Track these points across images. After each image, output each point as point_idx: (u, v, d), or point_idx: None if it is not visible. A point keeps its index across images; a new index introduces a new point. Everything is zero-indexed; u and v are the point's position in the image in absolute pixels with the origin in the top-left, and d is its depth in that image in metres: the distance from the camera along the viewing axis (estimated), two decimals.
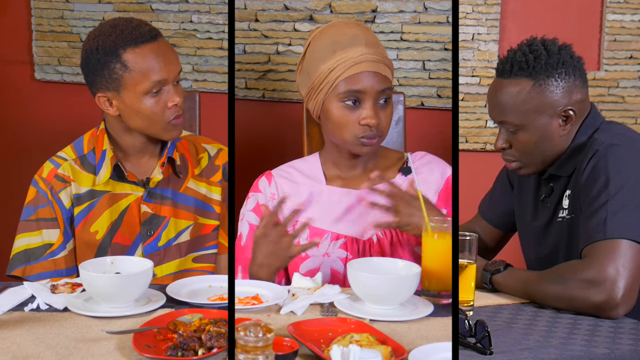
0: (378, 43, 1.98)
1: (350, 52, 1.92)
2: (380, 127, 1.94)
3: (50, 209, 2.05)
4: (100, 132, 2.10)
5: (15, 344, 1.47)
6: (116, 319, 1.60)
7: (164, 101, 1.99)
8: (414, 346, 1.42)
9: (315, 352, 1.39)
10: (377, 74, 1.92)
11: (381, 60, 1.94)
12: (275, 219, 1.84)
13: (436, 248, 1.74)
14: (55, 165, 2.08)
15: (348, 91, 1.92)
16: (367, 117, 1.92)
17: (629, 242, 1.69)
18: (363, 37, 1.95)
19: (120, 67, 1.96)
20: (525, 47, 1.89)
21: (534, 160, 1.92)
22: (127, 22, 2.01)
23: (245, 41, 2.79)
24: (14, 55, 2.91)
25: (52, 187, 2.06)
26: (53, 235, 2.05)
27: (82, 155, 2.09)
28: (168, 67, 1.99)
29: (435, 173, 2.06)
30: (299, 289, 1.78)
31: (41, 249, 2.05)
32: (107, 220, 2.07)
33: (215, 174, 2.16)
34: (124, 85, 1.97)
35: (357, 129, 1.93)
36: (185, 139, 2.18)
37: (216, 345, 1.41)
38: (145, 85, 1.97)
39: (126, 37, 1.97)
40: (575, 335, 1.57)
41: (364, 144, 1.95)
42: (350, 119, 1.93)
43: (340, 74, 1.92)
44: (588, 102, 1.93)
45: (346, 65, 1.91)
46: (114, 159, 2.06)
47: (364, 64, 1.92)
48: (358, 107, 1.93)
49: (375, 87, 1.92)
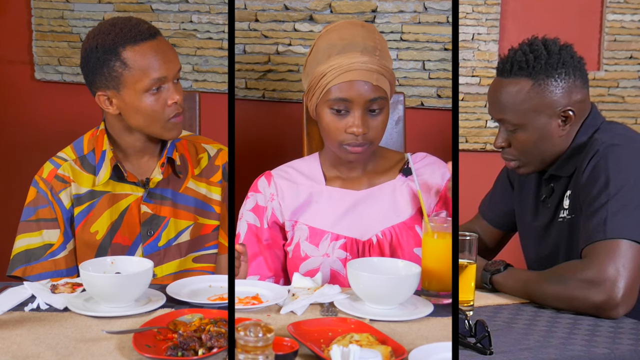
0: (378, 49, 1.93)
1: (344, 58, 1.90)
2: (368, 136, 1.92)
3: (50, 210, 2.05)
4: (100, 132, 2.10)
5: (15, 344, 1.47)
6: (116, 319, 1.60)
7: (164, 99, 1.99)
8: (414, 346, 1.42)
9: (315, 352, 1.39)
10: (367, 83, 1.90)
11: (375, 70, 1.90)
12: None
13: (436, 248, 1.74)
14: (55, 166, 2.07)
15: (336, 99, 1.91)
16: (353, 125, 1.91)
17: (629, 242, 1.69)
18: (361, 44, 1.92)
19: (120, 65, 1.96)
20: (525, 46, 1.89)
21: (533, 159, 1.92)
22: (126, 20, 2.01)
23: (245, 41, 2.79)
24: (14, 55, 2.91)
25: (52, 187, 2.05)
26: (53, 236, 2.05)
27: (82, 156, 2.09)
28: (167, 65, 1.98)
29: (436, 175, 2.05)
30: (299, 289, 1.78)
31: (41, 249, 2.04)
32: (107, 220, 2.07)
33: (215, 174, 2.16)
34: (124, 83, 1.97)
35: (343, 136, 1.93)
36: (185, 139, 2.18)
37: (216, 345, 1.41)
38: (145, 83, 1.96)
39: (125, 35, 1.96)
40: (575, 335, 1.57)
41: (349, 151, 1.94)
42: (337, 126, 1.93)
43: (331, 80, 1.91)
44: (588, 103, 1.93)
45: (337, 72, 1.90)
46: (113, 159, 2.06)
47: (354, 73, 1.89)
48: (346, 115, 1.92)
49: (364, 96, 1.90)
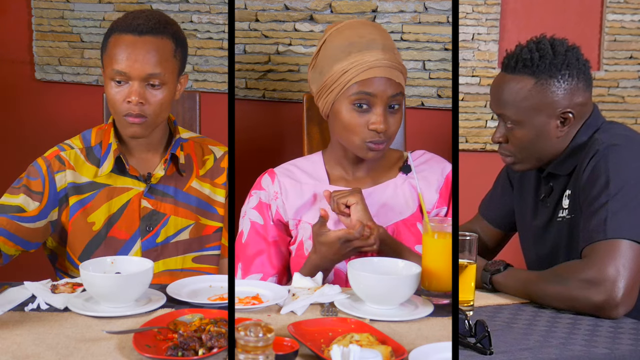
0: (394, 48, 1.97)
1: (367, 55, 1.91)
2: (389, 132, 1.93)
3: (39, 183, 2.05)
4: (108, 126, 2.13)
5: (15, 344, 1.47)
6: (116, 319, 1.60)
7: (124, 94, 2.02)
8: (414, 346, 1.42)
9: (316, 352, 1.39)
10: (389, 79, 1.91)
11: (395, 67, 1.92)
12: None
13: (436, 248, 1.74)
14: (60, 149, 2.10)
15: (360, 93, 1.91)
16: (377, 122, 1.91)
17: (630, 242, 1.69)
18: (380, 42, 1.93)
19: (104, 47, 2.06)
20: (532, 44, 1.89)
21: (529, 157, 1.92)
22: (142, 12, 2.10)
23: (245, 41, 2.79)
24: (14, 55, 2.91)
25: (50, 165, 2.07)
26: (30, 205, 2.03)
27: (89, 147, 2.11)
28: (132, 63, 2.00)
29: (436, 171, 2.05)
30: (299, 289, 1.78)
31: (11, 208, 2.02)
32: (105, 212, 2.07)
33: (220, 176, 2.16)
34: (103, 65, 2.07)
35: (366, 133, 1.93)
36: (192, 140, 2.19)
37: (216, 345, 1.41)
38: (108, 70, 2.03)
39: (121, 23, 2.05)
40: (575, 335, 1.57)
41: (371, 148, 1.94)
42: (359, 122, 1.93)
43: (354, 77, 1.91)
44: (590, 105, 1.92)
45: (361, 69, 1.90)
46: (116, 151, 2.08)
47: (379, 69, 1.90)
48: (368, 111, 1.92)
49: (387, 92, 1.91)
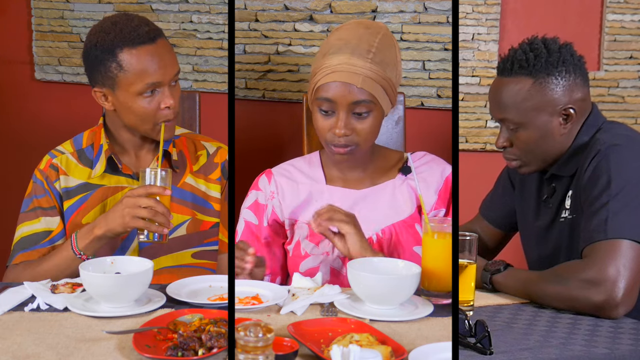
0: (372, 52, 1.88)
1: (334, 59, 1.89)
2: (352, 139, 1.92)
3: (48, 198, 2.07)
4: (98, 127, 2.12)
5: (15, 344, 1.47)
6: (116, 319, 1.60)
7: (157, 102, 1.99)
8: (414, 346, 1.42)
9: (315, 352, 1.39)
10: (349, 85, 1.87)
11: (362, 73, 1.87)
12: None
13: (436, 248, 1.74)
14: (52, 157, 2.11)
15: (322, 98, 1.91)
16: (335, 127, 1.91)
17: (630, 242, 1.69)
18: (354, 45, 1.89)
19: (116, 66, 1.96)
20: (526, 45, 1.90)
21: (535, 158, 1.92)
22: (128, 20, 1.99)
23: (245, 41, 2.79)
24: (14, 55, 2.91)
25: (47, 176, 2.08)
26: (52, 223, 2.06)
27: (80, 149, 2.11)
28: (163, 70, 1.98)
29: (435, 172, 2.05)
30: (299, 289, 1.78)
31: (41, 235, 2.05)
32: (100, 212, 2.07)
33: (214, 172, 2.16)
34: (119, 84, 1.97)
35: (329, 135, 1.94)
36: (184, 136, 2.18)
37: (216, 345, 1.40)
38: (139, 87, 1.96)
39: (124, 36, 1.95)
40: (575, 335, 1.57)
41: (333, 151, 1.95)
42: (323, 126, 1.94)
43: (318, 80, 1.91)
44: (589, 101, 1.93)
45: (324, 73, 1.90)
46: (108, 152, 2.07)
47: (338, 74, 1.88)
48: (332, 116, 1.92)
49: (346, 98, 1.88)
